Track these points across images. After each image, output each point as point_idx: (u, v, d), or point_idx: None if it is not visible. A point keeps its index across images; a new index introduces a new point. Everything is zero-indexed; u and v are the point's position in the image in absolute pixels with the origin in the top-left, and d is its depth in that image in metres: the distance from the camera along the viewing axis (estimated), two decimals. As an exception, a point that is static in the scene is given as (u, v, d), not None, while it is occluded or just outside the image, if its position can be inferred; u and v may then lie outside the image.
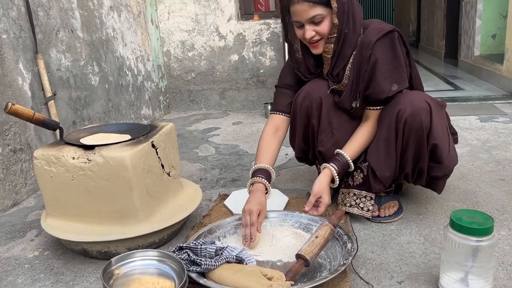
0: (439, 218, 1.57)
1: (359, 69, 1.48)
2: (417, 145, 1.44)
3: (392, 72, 1.44)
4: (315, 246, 1.25)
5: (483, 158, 2.16)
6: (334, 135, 1.60)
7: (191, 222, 1.65)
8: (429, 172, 1.51)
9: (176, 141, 1.61)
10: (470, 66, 4.82)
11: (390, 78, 1.44)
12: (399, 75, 1.44)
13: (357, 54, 1.48)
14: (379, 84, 1.44)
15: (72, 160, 1.36)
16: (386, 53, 1.44)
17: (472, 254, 1.08)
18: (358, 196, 1.58)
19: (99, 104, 2.69)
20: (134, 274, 1.18)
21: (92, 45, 2.64)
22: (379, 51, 1.44)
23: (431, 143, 1.43)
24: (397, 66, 1.44)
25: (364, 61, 1.46)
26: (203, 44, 3.64)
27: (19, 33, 1.99)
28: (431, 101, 1.44)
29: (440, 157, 1.47)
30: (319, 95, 1.56)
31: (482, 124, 2.77)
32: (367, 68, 1.46)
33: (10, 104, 1.29)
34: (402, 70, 1.45)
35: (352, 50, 1.49)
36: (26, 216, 1.82)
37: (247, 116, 3.50)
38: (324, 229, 1.31)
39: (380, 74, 1.43)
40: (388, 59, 1.44)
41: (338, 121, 1.60)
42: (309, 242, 1.27)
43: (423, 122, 1.40)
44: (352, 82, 1.51)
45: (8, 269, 1.42)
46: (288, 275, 1.18)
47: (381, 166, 1.48)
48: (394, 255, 1.35)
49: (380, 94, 1.45)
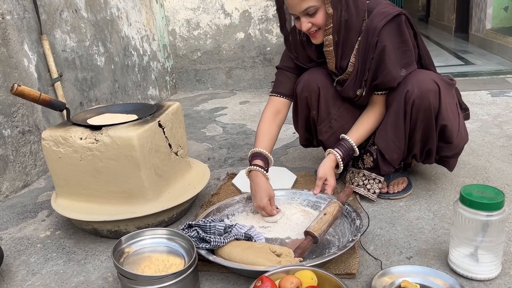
0: (448, 194, 1.56)
1: (365, 57, 1.42)
2: (425, 127, 1.42)
3: (400, 57, 1.40)
4: (323, 223, 1.25)
5: (494, 133, 2.13)
6: (332, 125, 1.58)
7: (200, 201, 1.66)
8: (439, 152, 1.49)
9: (183, 120, 1.61)
10: (481, 40, 4.72)
11: (399, 64, 1.40)
12: (407, 59, 1.41)
13: (363, 40, 1.41)
14: (389, 73, 1.39)
15: (80, 141, 1.36)
16: (393, 39, 1.38)
17: (482, 229, 1.07)
18: (367, 177, 1.58)
19: (105, 85, 2.68)
20: (144, 252, 1.19)
21: (97, 25, 2.61)
22: (387, 38, 1.37)
23: (440, 124, 1.41)
24: (405, 50, 1.40)
25: (370, 48, 1.39)
26: (209, 22, 3.59)
27: (23, 14, 1.98)
28: (440, 81, 1.40)
29: (450, 137, 1.44)
30: (317, 85, 1.53)
31: (493, 99, 2.72)
32: (373, 55, 1.39)
33: (16, 85, 1.29)
34: (411, 55, 1.41)
35: (357, 36, 1.43)
36: (37, 197, 1.85)
37: (254, 95, 3.47)
38: (332, 206, 1.31)
39: (389, 62, 1.38)
40: (396, 45, 1.38)
41: (337, 111, 1.57)
42: (318, 219, 1.27)
43: (432, 103, 1.37)
44: (357, 70, 1.45)
45: (21, 248, 1.45)
46: (297, 252, 1.19)
47: (390, 149, 1.47)
48: (403, 231, 1.35)
49: (391, 82, 1.41)
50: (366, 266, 1.19)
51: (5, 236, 1.53)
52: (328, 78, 1.57)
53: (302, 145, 1.80)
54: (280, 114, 1.61)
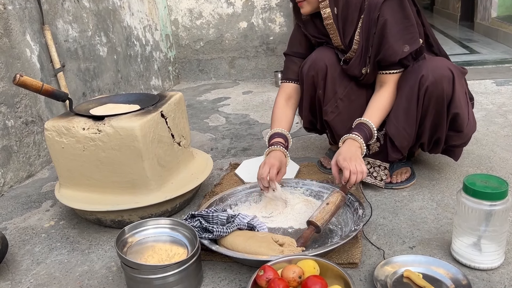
0: (452, 184, 1.56)
1: (368, 33, 1.42)
2: (436, 114, 1.40)
3: (403, 32, 1.38)
4: (326, 212, 1.25)
5: (498, 122, 2.12)
6: (338, 105, 1.55)
7: (203, 191, 1.66)
8: (448, 141, 1.48)
9: (185, 110, 1.60)
10: (487, 28, 4.67)
11: (401, 39, 1.38)
12: (410, 35, 1.38)
13: (365, 17, 1.41)
14: (391, 47, 1.38)
15: (83, 131, 1.36)
16: (395, 13, 1.37)
17: (485, 218, 1.07)
18: (372, 165, 1.57)
19: (108, 75, 2.68)
20: (148, 242, 1.19)
21: (99, 15, 2.60)
22: (388, 12, 1.37)
23: (453, 112, 1.39)
24: (408, 26, 1.38)
25: (372, 24, 1.39)
26: (211, 11, 3.57)
27: (25, 4, 1.97)
28: (454, 69, 1.39)
29: (461, 126, 1.43)
30: (325, 63, 1.51)
31: (498, 88, 2.70)
32: (375, 30, 1.39)
33: (18, 75, 1.29)
34: (414, 30, 1.38)
35: (359, 13, 1.43)
36: (41, 187, 1.85)
37: (257, 85, 3.46)
38: (335, 196, 1.30)
39: (391, 36, 1.37)
40: (398, 19, 1.37)
41: (344, 90, 1.55)
42: (320, 209, 1.27)
43: (445, 91, 1.36)
44: (362, 47, 1.45)
45: (26, 238, 1.46)
46: (299, 241, 1.19)
47: (400, 136, 1.45)
48: (406, 221, 1.35)
49: (393, 56, 1.39)
50: (368, 256, 1.19)
51: (10, 226, 1.55)
52: (336, 57, 1.55)
53: (306, 128, 1.75)
54: (292, 99, 1.62)
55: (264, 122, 2.47)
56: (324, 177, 1.69)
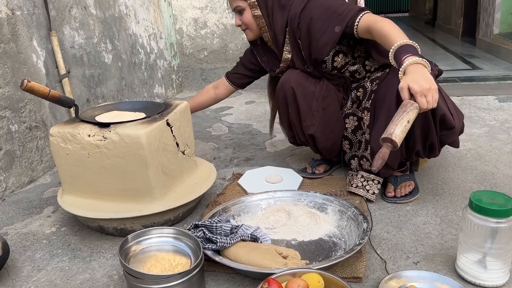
0: (456, 199, 1.55)
1: (295, 40, 1.62)
2: (423, 123, 1.39)
3: (329, 22, 1.52)
4: (405, 132, 1.12)
5: (501, 139, 2.12)
6: (315, 116, 1.66)
7: (206, 201, 1.65)
8: (445, 141, 1.47)
9: (190, 119, 1.61)
10: (489, 44, 4.70)
11: (328, 27, 1.52)
12: (336, 20, 1.50)
13: (289, 29, 1.62)
14: (319, 40, 1.54)
15: (88, 138, 1.36)
16: (315, 13, 1.54)
17: (491, 235, 1.06)
18: (366, 179, 1.59)
19: (112, 82, 2.68)
20: (151, 251, 1.18)
21: (105, 22, 2.62)
22: (308, 16, 1.55)
23: (439, 114, 1.38)
24: (331, 13, 1.52)
25: (295, 32, 1.60)
26: (216, 21, 3.59)
27: (33, 10, 1.98)
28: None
29: (451, 123, 1.40)
30: (290, 85, 1.64)
31: (500, 104, 2.71)
32: (300, 35, 1.59)
33: (26, 81, 1.29)
34: (338, 13, 1.50)
35: (285, 27, 1.64)
36: (42, 193, 1.85)
37: (260, 95, 3.47)
38: (415, 113, 1.15)
39: (316, 32, 1.54)
40: (319, 15, 1.54)
41: (317, 102, 1.66)
42: (401, 126, 1.12)
43: None
44: (295, 53, 1.65)
45: (27, 244, 1.45)
46: (378, 162, 1.09)
47: None
48: (410, 236, 1.34)
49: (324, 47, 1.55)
50: (372, 270, 1.19)
51: (11, 232, 1.54)
52: (302, 77, 1.68)
53: (292, 143, 1.88)
54: (217, 90, 1.98)
55: (267, 133, 2.47)
56: (326, 189, 1.69)
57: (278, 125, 2.62)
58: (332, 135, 1.69)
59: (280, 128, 1.91)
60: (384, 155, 1.12)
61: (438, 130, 1.42)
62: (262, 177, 1.79)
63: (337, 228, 1.37)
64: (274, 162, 2.03)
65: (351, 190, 1.60)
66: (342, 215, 1.39)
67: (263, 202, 1.51)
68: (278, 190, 1.56)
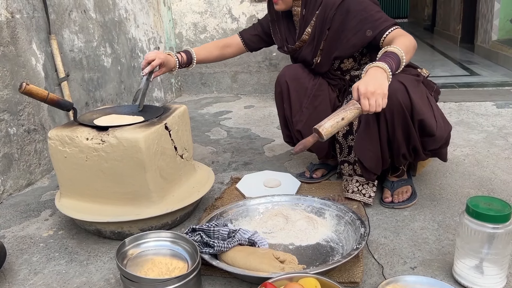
0: (453, 205, 1.56)
1: (321, 28, 1.58)
2: (403, 125, 1.40)
3: (362, 23, 1.50)
4: (336, 128, 1.19)
5: (499, 144, 2.13)
6: (304, 113, 1.68)
7: (204, 205, 1.65)
8: (426, 147, 1.46)
9: (189, 123, 1.61)
10: (487, 51, 4.72)
11: (361, 29, 1.51)
12: (370, 24, 1.49)
13: (320, 13, 1.57)
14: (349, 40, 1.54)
15: (86, 141, 1.36)
16: (354, 8, 1.51)
17: (488, 241, 1.06)
18: (361, 183, 1.60)
19: (111, 86, 2.69)
20: (148, 254, 1.18)
21: (105, 26, 2.62)
22: (344, 10, 1.52)
23: (417, 119, 1.38)
24: (366, 16, 1.50)
25: (327, 21, 1.56)
26: (216, 26, 3.60)
27: (33, 13, 1.99)
28: (404, 79, 1.38)
29: (431, 131, 1.40)
30: (285, 80, 1.68)
31: (498, 110, 2.71)
32: (331, 26, 1.55)
33: (24, 84, 1.29)
34: (373, 18, 1.49)
35: (316, 10, 1.59)
36: (40, 196, 1.85)
37: (259, 100, 3.48)
38: (352, 112, 1.22)
39: (348, 30, 1.53)
40: (356, 13, 1.51)
41: (307, 100, 1.68)
42: (333, 122, 1.19)
43: (401, 101, 1.35)
44: (314, 39, 1.62)
45: (24, 247, 1.44)
46: (298, 147, 1.21)
47: (367, 156, 1.48)
48: (407, 241, 1.35)
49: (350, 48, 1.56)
50: (370, 275, 1.19)
51: (8, 235, 1.53)
52: (297, 72, 1.70)
53: (287, 142, 1.86)
54: (228, 49, 1.87)
55: (266, 137, 2.48)
56: (324, 193, 1.69)
57: (276, 129, 2.63)
58: None
59: (278, 133, 1.92)
60: (306, 142, 1.21)
61: (418, 134, 1.42)
62: (260, 182, 1.79)
63: (334, 232, 1.37)
64: (272, 167, 2.03)
65: (348, 196, 1.60)
66: (340, 220, 1.39)
67: (261, 206, 1.51)
68: (276, 195, 1.56)
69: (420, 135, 1.42)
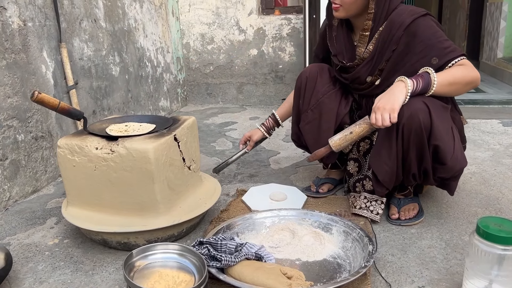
0: (460, 224, 1.55)
1: (384, 47, 1.49)
2: (418, 145, 1.40)
3: (429, 49, 1.42)
4: (346, 141, 1.39)
5: (506, 163, 2.12)
6: (309, 115, 1.67)
7: (209, 216, 1.65)
8: (435, 173, 1.46)
9: (197, 135, 1.61)
10: (492, 68, 4.73)
11: (427, 56, 1.42)
12: (437, 51, 1.41)
13: (385, 31, 1.49)
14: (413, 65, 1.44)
15: (95, 151, 1.37)
16: (423, 32, 1.43)
17: (497, 262, 1.05)
18: (369, 200, 1.59)
19: (119, 95, 2.70)
20: (155, 266, 1.18)
21: (114, 35, 2.64)
22: (414, 32, 1.43)
23: (433, 144, 1.38)
24: (435, 42, 1.41)
25: (393, 40, 1.47)
26: (223, 37, 3.63)
27: (44, 22, 2.01)
28: (430, 102, 1.38)
29: (443, 158, 1.40)
30: (306, 76, 1.67)
31: (504, 129, 2.71)
32: (395, 48, 1.47)
33: (36, 92, 1.30)
34: (445, 44, 1.41)
35: (380, 26, 1.50)
36: (46, 203, 1.84)
37: (264, 112, 3.48)
38: (362, 127, 1.38)
39: (414, 54, 1.44)
40: (425, 37, 1.42)
41: (316, 102, 1.66)
42: (343, 135, 1.39)
43: (422, 122, 1.35)
44: (374, 57, 1.53)
45: (29, 255, 1.44)
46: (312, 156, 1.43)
47: (382, 170, 1.47)
48: (415, 259, 1.34)
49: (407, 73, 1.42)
50: (377, 294, 1.18)
51: (13, 242, 1.53)
52: (320, 71, 1.68)
53: (293, 141, 1.85)
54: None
55: (271, 149, 2.48)
56: (330, 208, 1.68)
57: (281, 141, 2.63)
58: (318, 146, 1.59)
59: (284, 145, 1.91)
60: (319, 152, 1.38)
61: (431, 159, 1.42)
62: (266, 195, 1.79)
63: (341, 249, 1.36)
64: (278, 179, 2.03)
65: (355, 212, 1.59)
66: (347, 236, 1.38)
67: (267, 220, 1.51)
68: (283, 209, 1.55)
69: (432, 159, 1.42)
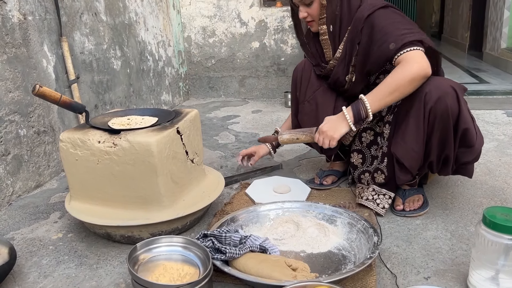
0: (466, 214, 1.54)
1: (352, 43, 1.54)
2: (442, 131, 1.38)
3: (387, 36, 1.42)
4: (291, 141, 1.57)
5: (511, 153, 2.11)
6: (305, 106, 1.71)
7: (213, 209, 1.64)
8: (460, 158, 1.44)
9: (200, 128, 1.60)
10: (496, 58, 4.70)
11: (386, 42, 1.42)
12: (394, 37, 1.40)
13: (351, 29, 1.54)
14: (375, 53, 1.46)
15: (98, 144, 1.36)
16: (380, 21, 1.46)
17: (504, 252, 1.04)
18: (377, 192, 1.58)
19: (120, 89, 2.69)
20: (159, 260, 1.17)
21: (115, 29, 2.63)
22: (374, 22, 1.47)
23: (463, 128, 1.37)
24: (395, 28, 1.43)
25: (356, 35, 1.52)
26: (224, 30, 3.61)
27: (45, 15, 1.99)
28: (456, 86, 1.38)
29: (471, 141, 1.40)
30: (301, 68, 1.72)
31: (509, 119, 2.69)
32: (359, 41, 1.51)
33: (38, 86, 1.29)
34: (400, 31, 1.41)
35: (348, 26, 1.55)
36: (49, 198, 1.84)
37: (267, 105, 3.47)
38: (307, 137, 1.54)
39: (374, 43, 1.46)
40: (382, 26, 1.45)
41: (312, 94, 1.70)
42: (293, 136, 1.57)
43: (450, 107, 1.35)
44: (345, 56, 1.57)
45: (33, 250, 1.44)
46: (260, 139, 1.73)
47: (409, 156, 1.44)
48: (420, 250, 1.33)
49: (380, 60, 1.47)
50: (383, 285, 1.17)
51: (17, 237, 1.53)
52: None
53: None
54: None
55: (274, 142, 2.47)
56: (334, 200, 1.67)
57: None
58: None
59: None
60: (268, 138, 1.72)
61: (457, 144, 1.40)
62: (269, 187, 1.78)
63: (346, 240, 1.35)
64: (281, 172, 2.02)
65: (361, 202, 1.58)
66: (352, 228, 1.37)
67: (271, 212, 1.50)
68: (287, 201, 1.55)
69: (459, 145, 1.41)
